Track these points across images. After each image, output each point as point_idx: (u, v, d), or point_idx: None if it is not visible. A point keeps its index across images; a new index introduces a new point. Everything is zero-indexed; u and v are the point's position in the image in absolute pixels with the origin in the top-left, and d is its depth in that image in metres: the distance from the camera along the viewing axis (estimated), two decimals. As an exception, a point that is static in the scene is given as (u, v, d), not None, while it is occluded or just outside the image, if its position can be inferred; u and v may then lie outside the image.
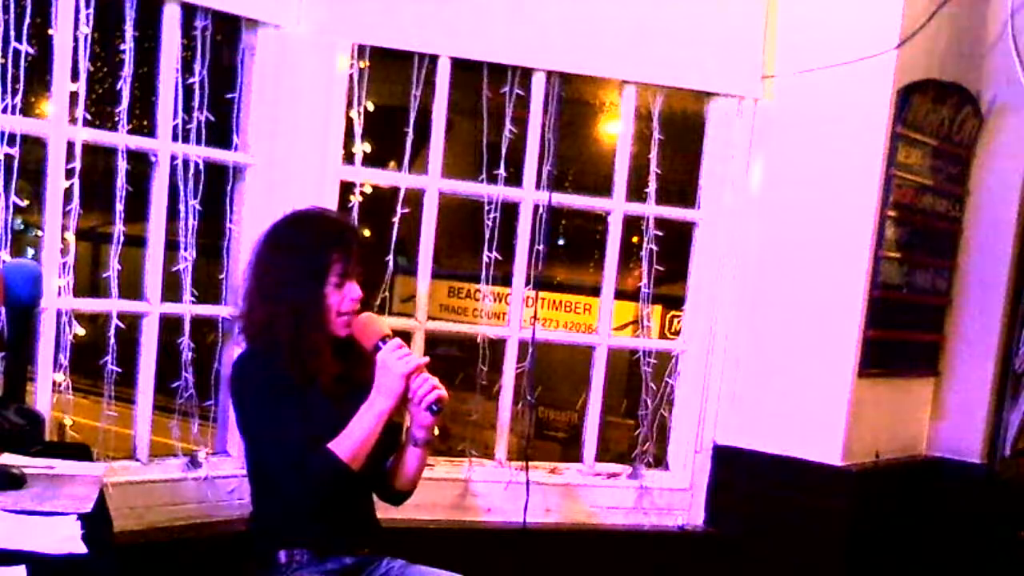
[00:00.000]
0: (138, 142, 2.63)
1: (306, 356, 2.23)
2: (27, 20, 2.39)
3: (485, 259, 3.09)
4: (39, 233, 2.55)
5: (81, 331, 2.56)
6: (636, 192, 3.21)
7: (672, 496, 3.32)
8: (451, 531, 3.02)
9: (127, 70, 2.59)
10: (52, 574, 1.55)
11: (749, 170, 3.24)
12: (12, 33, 2.38)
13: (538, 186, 3.10)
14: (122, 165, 2.60)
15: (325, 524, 2.29)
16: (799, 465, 3.16)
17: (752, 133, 3.23)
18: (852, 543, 3.18)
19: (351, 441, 2.19)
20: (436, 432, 2.38)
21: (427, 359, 2.26)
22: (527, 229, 3.12)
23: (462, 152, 3.24)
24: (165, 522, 2.73)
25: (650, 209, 3.22)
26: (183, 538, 2.71)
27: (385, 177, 3.01)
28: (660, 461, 3.34)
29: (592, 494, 3.26)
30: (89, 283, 3.18)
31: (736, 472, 3.28)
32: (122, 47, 2.58)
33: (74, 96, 2.50)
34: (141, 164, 2.67)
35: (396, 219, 2.96)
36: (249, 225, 2.84)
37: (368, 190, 2.96)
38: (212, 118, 2.72)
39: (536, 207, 3.12)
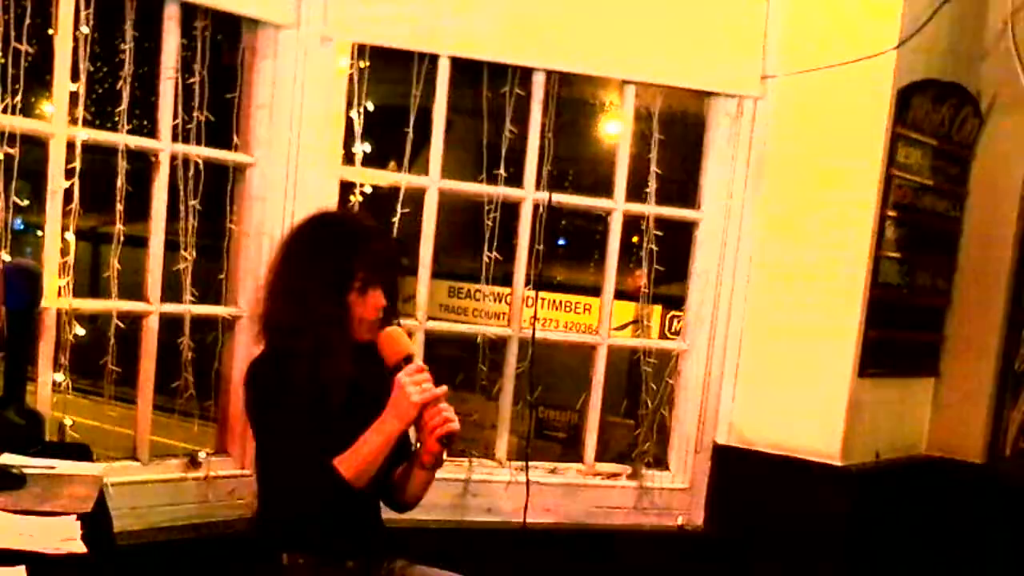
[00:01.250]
0: (138, 142, 2.63)
1: (324, 363, 2.20)
2: (27, 20, 2.39)
3: (485, 259, 3.09)
4: (39, 233, 2.55)
5: (81, 331, 2.56)
6: (636, 192, 3.21)
7: (672, 496, 3.32)
8: (451, 531, 3.02)
9: (127, 70, 2.59)
10: (52, 574, 1.55)
11: (749, 170, 3.24)
12: (12, 33, 2.37)
13: (538, 186, 3.10)
14: (122, 165, 2.60)
15: (330, 528, 2.28)
16: (799, 465, 3.16)
17: (752, 133, 3.23)
18: (852, 543, 3.18)
19: (357, 459, 2.15)
20: (445, 456, 2.35)
21: (444, 389, 2.19)
22: (527, 229, 3.12)
23: (462, 152, 3.24)
24: (165, 522, 2.73)
25: (650, 209, 3.22)
26: (183, 538, 2.71)
27: (385, 177, 3.01)
28: (660, 461, 3.34)
29: (592, 494, 3.26)
30: (89, 283, 3.18)
31: (736, 472, 3.28)
32: (122, 47, 2.58)
33: (74, 96, 2.50)
34: (141, 164, 2.67)
35: (396, 219, 2.96)
36: (249, 225, 2.84)
37: (368, 190, 2.96)
38: (212, 118, 2.72)
39: (536, 207, 3.12)
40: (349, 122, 2.91)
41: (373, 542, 2.37)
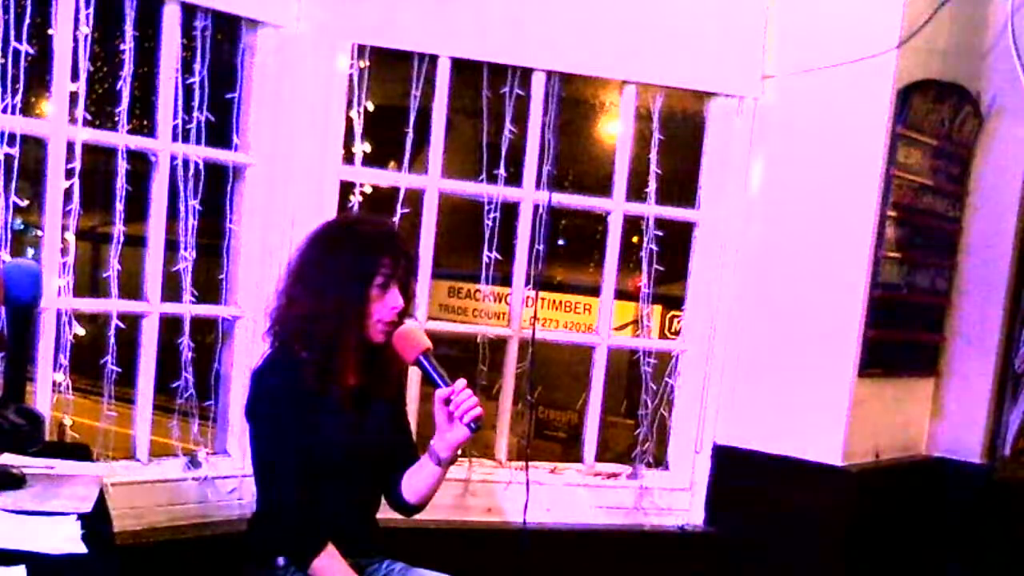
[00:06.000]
0: (138, 142, 2.63)
1: (335, 359, 2.20)
2: (27, 20, 2.39)
3: (485, 259, 3.09)
4: (39, 233, 2.55)
5: (81, 331, 2.56)
6: (636, 192, 3.21)
7: (672, 496, 3.32)
8: (451, 531, 3.02)
9: (127, 70, 2.59)
10: (52, 574, 1.55)
11: (749, 170, 3.24)
12: (12, 33, 2.37)
13: (538, 186, 3.10)
14: (122, 165, 2.60)
15: (325, 530, 2.27)
16: (799, 465, 3.16)
17: (752, 133, 3.23)
18: (852, 543, 3.18)
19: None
20: (460, 452, 2.35)
21: (463, 381, 2.24)
22: (527, 229, 3.12)
23: (462, 152, 3.24)
24: (165, 522, 2.73)
25: (650, 209, 3.22)
26: (183, 538, 2.71)
27: (385, 177, 3.01)
28: (660, 461, 3.34)
29: (592, 494, 3.26)
30: (89, 283, 3.18)
31: (736, 472, 3.28)
32: (122, 47, 2.57)
33: (74, 96, 2.50)
34: (141, 164, 2.67)
35: (396, 219, 2.96)
36: (249, 225, 2.84)
37: (368, 190, 2.96)
38: (212, 118, 2.72)
39: (536, 207, 3.12)
40: (349, 122, 2.91)
41: (368, 544, 2.37)
